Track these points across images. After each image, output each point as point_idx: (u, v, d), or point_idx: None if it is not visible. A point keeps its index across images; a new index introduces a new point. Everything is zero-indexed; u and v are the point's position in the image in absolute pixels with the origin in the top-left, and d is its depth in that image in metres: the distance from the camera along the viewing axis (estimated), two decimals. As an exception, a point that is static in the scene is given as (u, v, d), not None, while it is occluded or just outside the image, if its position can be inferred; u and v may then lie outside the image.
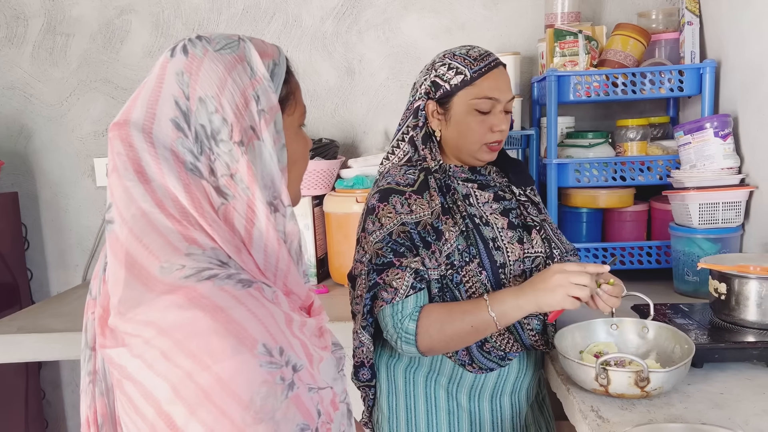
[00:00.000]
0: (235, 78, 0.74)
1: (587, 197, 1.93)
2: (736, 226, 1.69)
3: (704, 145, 1.69)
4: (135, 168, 0.71)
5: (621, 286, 1.23)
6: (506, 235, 1.30)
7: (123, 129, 0.72)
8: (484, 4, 2.24)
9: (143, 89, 0.75)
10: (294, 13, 2.30)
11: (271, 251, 0.74)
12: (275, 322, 0.68)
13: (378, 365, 1.38)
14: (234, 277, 0.69)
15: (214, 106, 0.72)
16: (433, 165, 1.31)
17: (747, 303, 1.29)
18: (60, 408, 2.56)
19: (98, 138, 2.40)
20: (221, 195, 0.72)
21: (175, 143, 0.71)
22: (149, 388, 0.65)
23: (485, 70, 1.28)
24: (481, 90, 1.28)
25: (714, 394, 1.13)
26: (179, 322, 0.65)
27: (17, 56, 2.37)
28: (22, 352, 1.79)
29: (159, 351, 0.65)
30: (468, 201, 1.32)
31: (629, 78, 1.83)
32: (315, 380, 0.71)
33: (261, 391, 0.65)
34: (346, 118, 2.34)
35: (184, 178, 0.71)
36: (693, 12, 1.91)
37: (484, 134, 1.29)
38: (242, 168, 0.72)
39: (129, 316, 0.67)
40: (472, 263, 1.26)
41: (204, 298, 0.66)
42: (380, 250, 1.24)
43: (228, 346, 0.64)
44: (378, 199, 1.28)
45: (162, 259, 0.68)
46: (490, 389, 1.32)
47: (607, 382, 1.09)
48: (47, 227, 2.46)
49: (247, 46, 0.77)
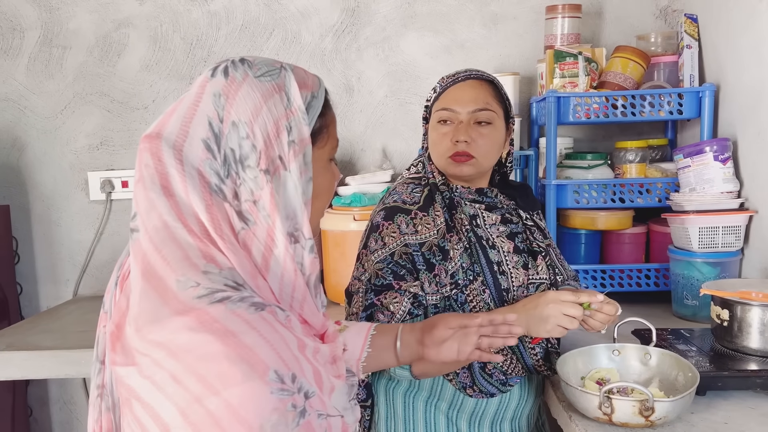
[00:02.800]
0: (271, 107, 0.74)
1: (586, 219, 1.92)
2: (736, 250, 1.68)
3: (704, 168, 1.69)
4: (161, 181, 0.71)
5: (616, 305, 1.22)
6: (511, 260, 1.29)
7: (154, 142, 0.72)
8: (484, 24, 2.25)
9: (180, 105, 0.75)
10: (293, 30, 2.29)
11: (288, 280, 0.73)
12: (287, 348, 0.67)
13: (377, 389, 1.35)
14: (247, 300, 0.68)
15: (245, 131, 0.72)
16: (439, 179, 1.32)
17: (749, 330, 1.28)
18: (47, 425, 2.50)
19: (92, 151, 2.37)
20: (242, 219, 0.72)
21: (203, 164, 0.72)
22: (157, 410, 0.64)
23: (451, 83, 1.31)
24: (442, 102, 1.31)
25: (718, 424, 1.11)
26: (190, 345, 0.64)
27: (12, 68, 2.34)
28: (10, 370, 1.75)
29: (168, 373, 0.64)
30: (475, 222, 1.31)
31: (629, 100, 1.83)
32: (325, 407, 0.70)
33: (272, 418, 0.64)
34: (344, 136, 2.32)
35: (207, 199, 0.71)
36: (692, 36, 1.92)
37: (448, 147, 1.29)
38: (265, 196, 0.72)
39: (143, 333, 0.66)
40: (476, 281, 1.25)
41: (215, 322, 0.65)
42: (380, 271, 1.23)
43: (239, 371, 0.63)
44: (383, 217, 1.27)
45: (179, 272, 0.68)
46: (491, 416, 1.30)
47: (610, 411, 1.07)
48: (38, 241, 2.42)
49: (287, 76, 0.77)
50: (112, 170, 2.37)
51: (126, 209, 2.39)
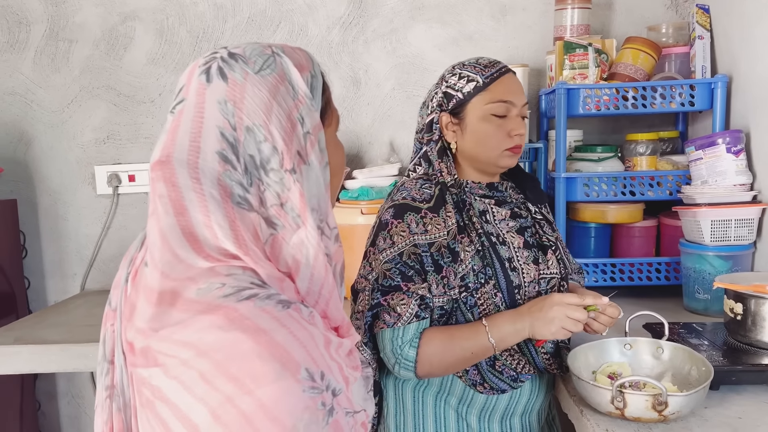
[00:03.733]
0: (280, 101, 0.71)
1: (596, 212, 1.90)
2: (749, 243, 1.66)
3: (716, 161, 1.67)
4: (176, 210, 0.68)
5: (618, 309, 1.22)
6: (522, 255, 1.28)
7: (166, 168, 0.69)
8: (492, 16, 2.23)
9: (181, 119, 0.71)
10: (300, 23, 2.28)
11: (317, 278, 0.71)
12: (316, 345, 0.66)
13: (386, 384, 1.34)
14: (274, 298, 0.66)
15: (263, 134, 0.69)
16: (449, 179, 1.28)
17: (764, 324, 1.26)
18: (55, 419, 2.51)
19: (99, 145, 2.37)
20: (270, 226, 0.70)
21: (222, 176, 0.68)
22: (186, 412, 0.62)
23: (497, 75, 1.27)
24: (495, 94, 1.26)
25: (732, 419, 1.10)
26: (220, 344, 0.62)
27: (19, 62, 2.34)
28: (18, 364, 1.75)
29: (198, 373, 0.62)
30: (485, 218, 1.29)
31: (640, 92, 1.81)
32: (351, 404, 0.69)
33: (304, 417, 0.62)
34: (351, 129, 2.31)
35: (231, 214, 0.68)
36: (704, 26, 1.89)
37: (503, 139, 1.27)
38: (294, 196, 0.70)
39: (163, 334, 0.65)
40: (487, 284, 1.23)
41: (246, 319, 0.63)
42: (388, 271, 1.21)
43: (271, 370, 0.61)
44: (392, 215, 1.25)
45: (200, 282, 0.66)
46: (501, 411, 1.29)
47: (623, 405, 1.06)
48: (46, 235, 2.42)
49: (285, 62, 0.74)
50: (119, 164, 2.36)
51: (133, 203, 2.39)
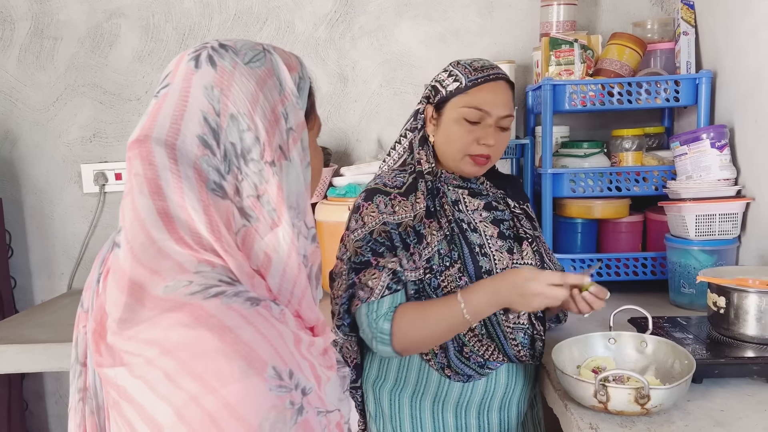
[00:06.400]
0: (267, 94, 0.71)
1: (582, 207, 1.90)
2: (733, 238, 1.67)
3: (701, 156, 1.68)
4: (151, 189, 0.67)
5: (604, 290, 1.21)
6: (495, 243, 1.29)
7: (144, 146, 0.68)
8: (479, 12, 2.23)
9: (164, 102, 0.70)
10: (287, 19, 2.27)
11: (290, 276, 0.70)
12: (284, 343, 0.65)
13: (365, 387, 1.36)
14: (242, 295, 0.65)
15: (246, 123, 0.69)
16: (426, 167, 1.30)
17: (746, 317, 1.27)
18: (43, 419, 2.50)
19: (85, 144, 2.35)
20: (244, 216, 0.69)
21: (199, 160, 0.68)
22: (150, 412, 0.61)
23: (481, 81, 1.27)
24: (473, 99, 1.27)
25: (715, 411, 1.11)
26: (185, 342, 0.61)
27: (3, 60, 2.32)
28: (4, 364, 1.74)
29: (162, 372, 0.61)
30: (457, 207, 1.31)
31: (625, 88, 1.82)
32: (324, 403, 0.68)
33: (270, 416, 0.61)
34: (338, 126, 2.31)
35: (205, 199, 0.67)
36: (688, 22, 1.90)
37: (468, 145, 1.28)
38: (272, 189, 0.69)
39: (129, 334, 0.64)
40: (452, 268, 1.24)
41: (211, 317, 0.62)
42: (360, 249, 1.24)
43: (236, 368, 0.61)
44: (363, 198, 1.29)
45: (168, 279, 0.65)
46: (476, 404, 1.30)
47: (606, 399, 1.07)
48: (32, 234, 2.41)
49: (274, 59, 0.74)
50: (106, 162, 2.35)
51: (120, 201, 2.37)
